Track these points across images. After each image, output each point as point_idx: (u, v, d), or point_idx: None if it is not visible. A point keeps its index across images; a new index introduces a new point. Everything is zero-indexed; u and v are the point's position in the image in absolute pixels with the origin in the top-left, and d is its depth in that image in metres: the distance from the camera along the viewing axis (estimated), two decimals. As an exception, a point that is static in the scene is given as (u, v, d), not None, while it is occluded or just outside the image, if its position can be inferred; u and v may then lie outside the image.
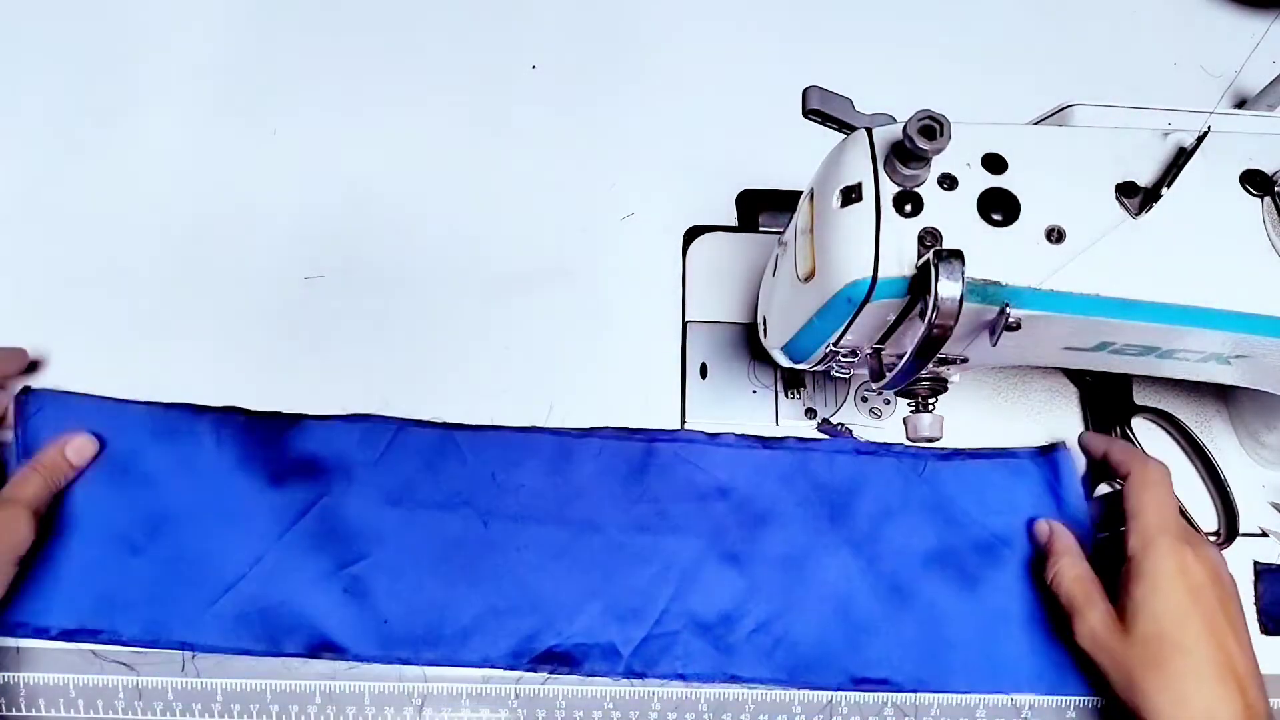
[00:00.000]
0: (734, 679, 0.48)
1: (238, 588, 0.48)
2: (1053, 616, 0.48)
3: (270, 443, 0.50)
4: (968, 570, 0.49)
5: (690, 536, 0.49)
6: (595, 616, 0.48)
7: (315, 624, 0.47)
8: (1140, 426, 0.53)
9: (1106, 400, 0.53)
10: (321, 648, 0.47)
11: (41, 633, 0.47)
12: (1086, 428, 0.53)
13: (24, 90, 0.58)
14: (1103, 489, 0.51)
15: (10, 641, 0.47)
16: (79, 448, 0.48)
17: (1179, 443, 0.53)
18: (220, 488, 0.49)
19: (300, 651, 0.47)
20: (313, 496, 0.49)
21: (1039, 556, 0.49)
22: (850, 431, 0.52)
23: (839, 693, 0.48)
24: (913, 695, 0.48)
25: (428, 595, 0.48)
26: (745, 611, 0.48)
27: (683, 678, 0.48)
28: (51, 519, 0.48)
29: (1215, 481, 0.51)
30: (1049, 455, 0.51)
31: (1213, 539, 0.51)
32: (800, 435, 0.52)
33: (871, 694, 0.48)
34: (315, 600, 0.47)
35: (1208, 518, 0.51)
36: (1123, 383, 0.53)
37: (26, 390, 0.50)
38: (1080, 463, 0.52)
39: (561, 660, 0.47)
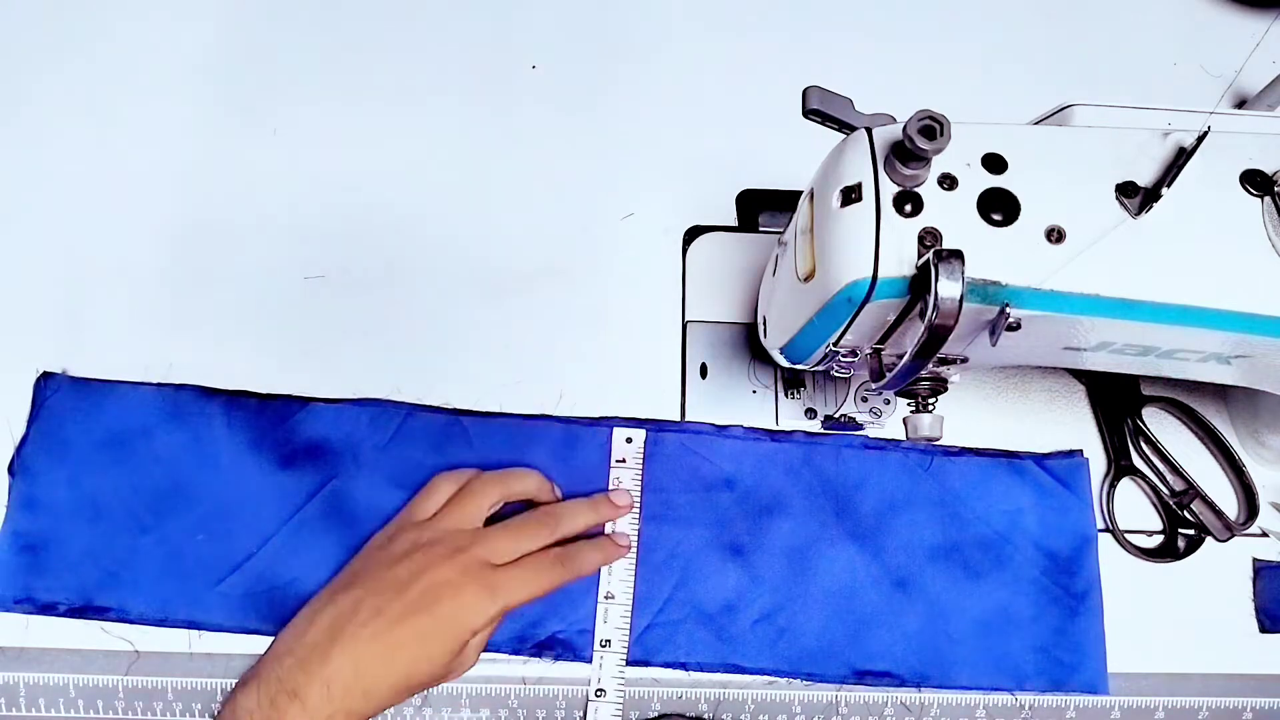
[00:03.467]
0: (736, 669, 0.48)
1: (245, 567, 0.48)
2: (1055, 615, 0.49)
3: (280, 425, 0.50)
4: (971, 566, 0.49)
5: (695, 526, 0.50)
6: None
7: None
8: (1152, 416, 0.53)
9: (1114, 393, 0.53)
10: None
11: (49, 609, 0.47)
12: (1097, 422, 0.53)
13: (25, 90, 0.58)
14: None
15: (14, 633, 0.47)
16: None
17: (1192, 430, 0.53)
18: (230, 468, 0.49)
19: None
20: (322, 479, 0.49)
21: (1043, 555, 0.49)
22: (854, 420, 0.52)
23: (840, 692, 0.48)
24: (914, 695, 0.48)
25: None
26: (749, 602, 0.49)
27: (685, 666, 0.48)
28: (61, 497, 0.48)
29: (1231, 464, 0.52)
30: (1063, 461, 0.51)
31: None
32: (808, 430, 0.52)
33: (873, 694, 0.48)
34: (323, 581, 0.47)
35: (1228, 502, 0.51)
36: (1129, 375, 0.53)
37: (45, 375, 0.51)
38: (1097, 472, 0.52)
39: (565, 647, 0.48)
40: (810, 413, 0.53)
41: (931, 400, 0.45)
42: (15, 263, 0.54)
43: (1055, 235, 0.36)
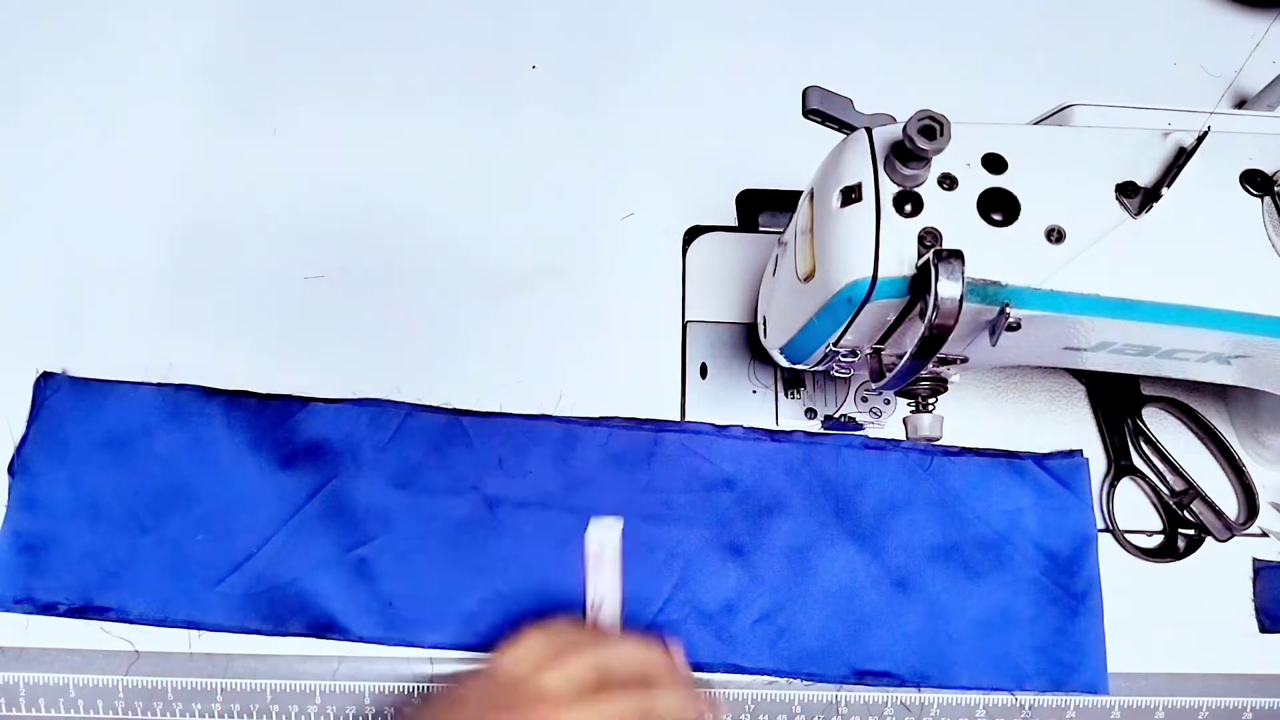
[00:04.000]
0: (736, 669, 0.48)
1: (245, 567, 0.48)
2: (1054, 615, 0.49)
3: (280, 425, 0.50)
4: (971, 566, 0.49)
5: (695, 526, 0.50)
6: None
7: (321, 605, 0.48)
8: (1152, 416, 0.53)
9: (1114, 393, 0.53)
10: (326, 628, 0.47)
11: (49, 609, 0.47)
12: (1097, 422, 0.53)
13: (26, 90, 0.58)
14: None
15: (14, 633, 0.47)
16: None
17: (1192, 430, 0.53)
18: (230, 468, 0.49)
19: (304, 632, 0.47)
20: (321, 479, 0.49)
21: (1043, 555, 0.49)
22: (854, 420, 0.52)
23: (840, 692, 0.48)
24: (914, 695, 0.48)
25: (433, 579, 0.48)
26: (749, 602, 0.49)
27: None
28: (61, 497, 0.48)
29: (1231, 464, 0.52)
30: (1063, 461, 0.51)
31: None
32: (808, 430, 0.52)
33: (873, 694, 0.48)
34: (322, 581, 0.48)
35: (1228, 502, 0.51)
36: (1129, 375, 0.53)
37: (45, 375, 0.51)
38: (1097, 472, 0.52)
39: None
40: (810, 413, 0.53)
41: (931, 400, 0.45)
42: (15, 263, 0.54)
43: (1055, 235, 0.36)
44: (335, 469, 0.50)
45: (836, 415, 0.52)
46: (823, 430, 0.52)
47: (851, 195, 0.36)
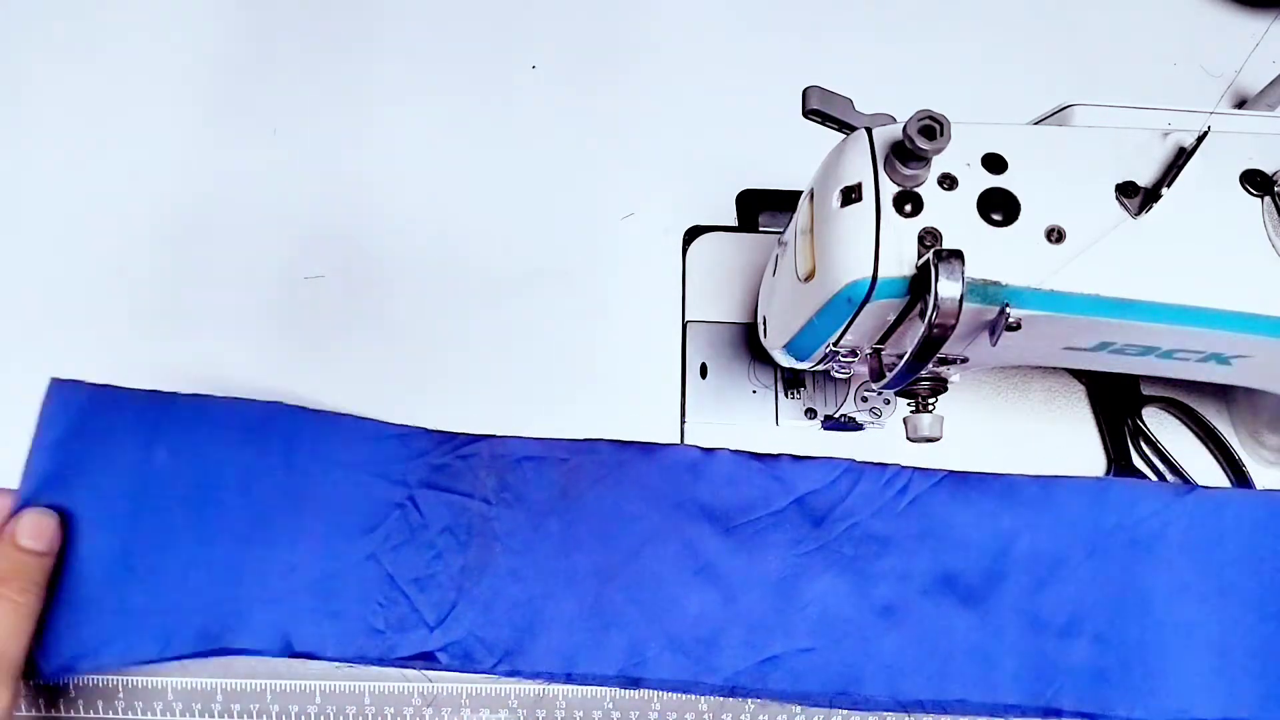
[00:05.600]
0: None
1: (247, 571, 0.47)
2: None
3: (283, 433, 0.49)
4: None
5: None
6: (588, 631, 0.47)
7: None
8: (1152, 416, 0.53)
9: (1114, 393, 0.53)
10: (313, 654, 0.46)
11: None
12: (1097, 422, 0.53)
13: (24, 89, 0.58)
14: None
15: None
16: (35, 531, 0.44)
17: (1193, 430, 0.53)
18: (232, 474, 0.48)
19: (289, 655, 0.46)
20: (324, 484, 0.48)
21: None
22: (854, 420, 0.52)
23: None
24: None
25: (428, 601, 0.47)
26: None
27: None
28: (63, 505, 0.47)
29: (1231, 464, 0.51)
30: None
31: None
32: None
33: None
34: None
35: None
36: (1129, 375, 0.53)
37: (54, 381, 0.49)
38: (1097, 472, 0.51)
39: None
40: (810, 413, 0.53)
41: (931, 400, 0.45)
42: (15, 264, 0.54)
43: (1055, 235, 0.36)
44: (339, 474, 0.49)
45: (836, 415, 0.52)
46: (822, 430, 0.52)
47: (851, 195, 0.36)
